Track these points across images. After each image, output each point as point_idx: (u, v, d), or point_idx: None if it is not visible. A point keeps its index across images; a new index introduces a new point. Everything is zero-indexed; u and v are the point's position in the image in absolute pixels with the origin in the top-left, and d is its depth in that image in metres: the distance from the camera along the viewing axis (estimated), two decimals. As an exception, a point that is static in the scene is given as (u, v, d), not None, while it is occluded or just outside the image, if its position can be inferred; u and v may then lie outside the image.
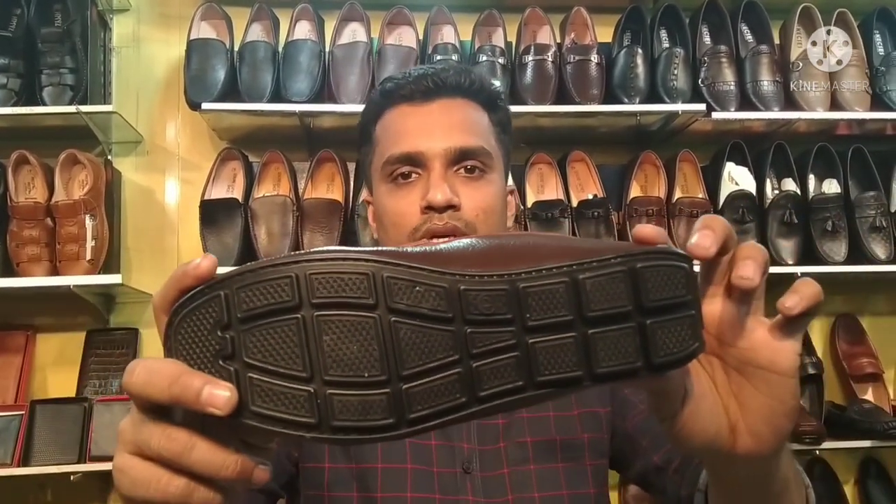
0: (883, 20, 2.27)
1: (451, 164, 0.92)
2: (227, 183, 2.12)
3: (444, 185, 0.90)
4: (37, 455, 1.89)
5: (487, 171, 0.94)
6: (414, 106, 0.95)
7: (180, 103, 2.16)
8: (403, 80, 0.97)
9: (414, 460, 0.88)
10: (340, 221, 2.01)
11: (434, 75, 0.95)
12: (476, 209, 0.91)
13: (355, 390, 0.45)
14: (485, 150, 0.94)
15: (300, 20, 2.13)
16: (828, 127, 2.20)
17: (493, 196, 0.94)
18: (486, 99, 0.98)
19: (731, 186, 2.12)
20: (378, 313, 0.45)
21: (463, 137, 0.92)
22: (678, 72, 2.09)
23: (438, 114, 0.94)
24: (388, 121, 0.97)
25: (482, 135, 0.95)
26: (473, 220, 0.91)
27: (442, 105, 0.95)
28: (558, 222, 2.03)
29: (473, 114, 0.96)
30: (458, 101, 0.96)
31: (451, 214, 0.89)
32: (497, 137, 0.98)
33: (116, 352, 2.10)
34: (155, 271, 2.17)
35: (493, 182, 0.95)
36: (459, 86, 0.96)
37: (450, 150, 0.91)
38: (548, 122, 2.11)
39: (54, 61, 1.99)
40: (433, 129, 0.93)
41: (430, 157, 0.91)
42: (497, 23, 2.18)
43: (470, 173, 0.93)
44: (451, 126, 0.93)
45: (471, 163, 0.93)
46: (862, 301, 2.33)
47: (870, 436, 2.00)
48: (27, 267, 1.93)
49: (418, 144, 0.92)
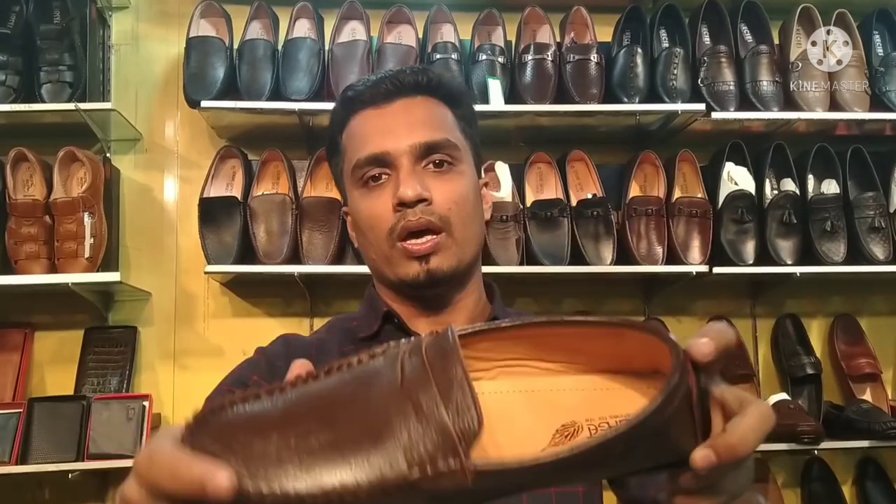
0: (882, 21, 2.28)
1: (419, 159, 0.92)
2: (226, 181, 2.12)
3: (412, 180, 0.90)
4: (34, 453, 1.88)
5: (456, 163, 0.94)
6: (376, 109, 0.96)
7: (179, 101, 2.16)
8: (362, 87, 0.98)
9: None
10: (339, 220, 2.00)
11: (392, 77, 0.96)
12: (448, 202, 0.92)
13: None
14: (450, 143, 0.94)
15: (300, 18, 2.13)
16: (827, 127, 2.20)
17: (465, 188, 0.94)
18: (447, 95, 0.98)
19: (730, 186, 2.12)
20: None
21: (427, 132, 0.93)
22: (678, 71, 2.09)
23: (400, 113, 0.95)
24: (352, 127, 0.97)
25: (446, 128, 0.96)
26: (447, 214, 0.91)
27: (403, 104, 0.95)
28: (558, 222, 2.03)
29: (435, 110, 0.97)
30: (419, 100, 0.96)
31: (424, 209, 0.90)
32: (462, 131, 0.98)
33: (115, 350, 2.09)
34: (154, 269, 2.17)
35: (463, 174, 0.95)
36: (418, 84, 0.96)
37: (415, 146, 0.92)
38: (547, 121, 2.11)
39: (53, 58, 1.99)
40: (396, 128, 0.93)
41: (396, 156, 0.92)
42: (497, 22, 2.18)
43: (438, 167, 0.93)
44: (414, 123, 0.93)
45: (438, 156, 0.93)
46: (860, 301, 2.33)
47: (868, 436, 2.01)
48: (25, 264, 1.93)
49: (383, 144, 0.92)
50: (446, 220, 0.91)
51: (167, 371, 2.15)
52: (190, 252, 2.16)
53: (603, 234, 2.05)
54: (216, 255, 1.98)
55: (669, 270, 2.05)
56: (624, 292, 2.28)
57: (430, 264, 0.91)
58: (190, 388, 2.13)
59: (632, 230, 2.07)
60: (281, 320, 2.19)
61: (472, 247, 0.95)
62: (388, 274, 0.95)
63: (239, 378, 0.96)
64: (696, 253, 2.05)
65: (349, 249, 2.06)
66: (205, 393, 1.01)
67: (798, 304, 2.29)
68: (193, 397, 2.11)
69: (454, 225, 0.91)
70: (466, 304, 0.98)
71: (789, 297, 2.28)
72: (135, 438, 1.90)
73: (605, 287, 2.27)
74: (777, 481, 2.18)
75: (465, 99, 1.03)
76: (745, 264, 2.06)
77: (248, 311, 2.20)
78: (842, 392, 2.25)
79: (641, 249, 2.06)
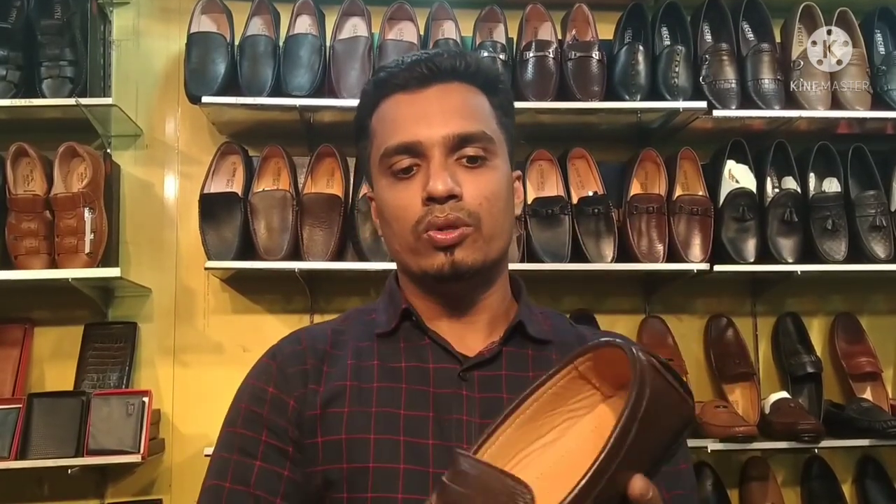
0: (884, 19, 2.28)
1: (451, 151, 0.88)
2: (226, 177, 2.11)
3: (444, 174, 0.86)
4: (34, 448, 1.88)
5: (490, 157, 0.90)
6: (409, 94, 0.91)
7: (180, 97, 2.16)
8: (396, 69, 0.92)
9: (408, 460, 0.85)
10: (340, 216, 2.00)
11: (428, 60, 0.91)
12: (479, 198, 0.87)
13: None
14: (486, 135, 0.90)
15: (301, 14, 2.12)
16: (828, 126, 2.20)
17: (497, 183, 0.90)
18: (485, 82, 0.94)
19: (731, 184, 2.11)
20: None
21: (462, 123, 0.88)
22: (679, 69, 2.09)
23: (435, 100, 0.90)
24: (383, 112, 0.93)
25: (482, 119, 0.91)
26: (477, 210, 0.87)
27: (438, 90, 0.91)
28: (558, 219, 2.03)
29: (472, 98, 0.92)
30: (455, 86, 0.91)
31: (453, 205, 0.86)
32: (499, 121, 0.94)
33: (114, 345, 2.09)
34: (154, 265, 2.17)
35: (496, 168, 0.91)
36: (455, 70, 0.91)
37: (449, 136, 0.87)
38: (548, 118, 2.11)
39: (54, 53, 1.98)
40: (430, 117, 0.88)
41: (428, 146, 0.87)
42: (498, 19, 2.18)
43: (472, 162, 0.89)
44: (449, 111, 0.89)
45: (472, 149, 0.89)
46: (861, 300, 2.33)
47: (868, 434, 2.00)
48: (25, 260, 1.92)
49: (416, 133, 0.88)
50: (476, 217, 0.87)
51: (167, 367, 2.15)
52: (190, 248, 2.15)
53: (604, 232, 2.04)
54: (216, 252, 1.98)
55: (670, 268, 2.05)
56: (624, 290, 2.28)
57: (455, 256, 0.86)
58: (190, 384, 2.13)
59: (633, 228, 2.07)
60: (281, 317, 2.19)
61: (499, 243, 0.91)
62: (411, 265, 0.91)
63: (254, 394, 0.91)
64: (697, 251, 2.05)
65: (349, 246, 2.06)
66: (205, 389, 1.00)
67: (799, 303, 2.29)
68: (193, 393, 2.11)
69: (483, 221, 0.88)
70: (490, 304, 0.94)
71: (790, 295, 2.28)
72: (134, 434, 1.90)
73: (606, 285, 2.26)
74: (777, 479, 2.18)
75: (503, 87, 0.98)
76: (746, 262, 2.06)
77: (249, 307, 2.19)
78: (842, 391, 2.25)
79: (642, 247, 2.05)
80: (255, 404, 0.89)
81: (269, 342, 0.97)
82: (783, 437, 1.99)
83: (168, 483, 2.11)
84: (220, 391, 1.07)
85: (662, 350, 2.15)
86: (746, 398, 2.16)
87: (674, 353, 2.15)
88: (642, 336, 2.20)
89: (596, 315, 2.21)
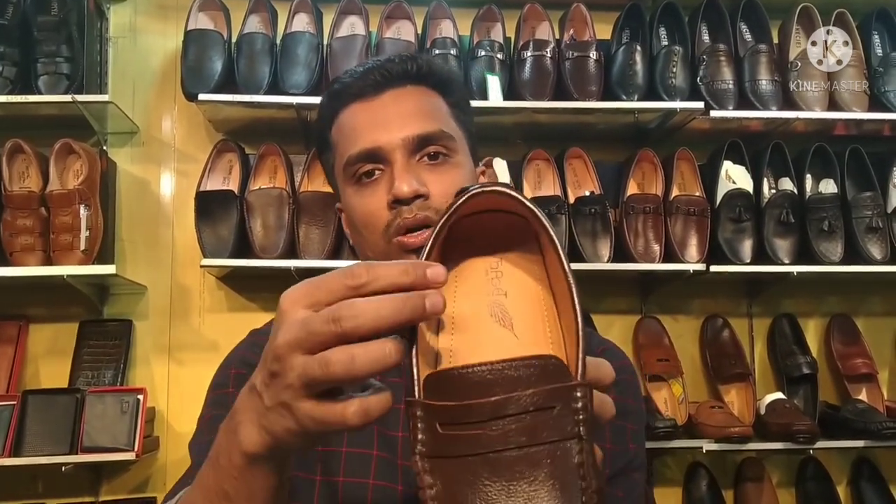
0: (882, 21, 2.27)
1: (413, 153, 0.89)
2: (222, 175, 2.11)
3: (408, 175, 0.87)
4: (28, 446, 1.87)
5: (451, 154, 0.91)
6: (365, 102, 0.92)
7: (177, 94, 2.15)
8: (350, 79, 0.94)
9: (381, 448, 0.87)
10: (336, 215, 2.00)
11: (380, 67, 0.92)
12: (445, 195, 0.87)
13: None
14: (445, 134, 0.91)
15: (298, 12, 2.12)
16: (825, 127, 2.20)
17: (462, 179, 0.91)
18: (438, 82, 0.95)
19: (728, 185, 2.11)
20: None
21: (419, 124, 0.90)
22: (677, 70, 2.08)
23: (391, 105, 0.91)
24: (342, 122, 0.94)
25: (439, 118, 0.93)
26: (444, 207, 0.89)
27: (393, 95, 0.92)
28: (555, 219, 2.03)
29: (427, 99, 0.94)
30: (409, 89, 0.93)
31: (421, 205, 0.87)
32: (456, 119, 0.95)
33: (109, 343, 2.09)
34: (149, 263, 2.17)
35: (459, 165, 0.92)
36: (407, 73, 0.93)
37: (408, 138, 0.89)
38: (546, 118, 2.11)
39: (50, 50, 1.98)
40: (388, 121, 0.90)
41: (389, 150, 0.89)
42: (496, 18, 2.18)
43: (434, 160, 0.90)
44: (406, 114, 0.90)
45: (433, 148, 0.90)
46: (857, 301, 2.33)
47: (863, 436, 2.01)
48: (20, 256, 1.92)
49: (376, 139, 0.89)
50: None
51: (162, 365, 2.14)
52: (186, 246, 2.15)
53: (600, 232, 2.04)
54: (212, 249, 1.97)
55: (666, 268, 2.05)
56: (621, 290, 2.28)
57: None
58: (184, 382, 2.13)
59: (629, 228, 2.07)
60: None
61: None
62: None
63: (243, 360, 0.95)
64: (694, 251, 2.05)
65: (346, 244, 2.06)
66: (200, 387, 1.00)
67: (795, 304, 2.29)
68: (188, 391, 2.11)
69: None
70: None
71: (786, 296, 2.28)
72: (129, 432, 1.89)
73: (602, 284, 2.26)
74: (772, 481, 2.19)
75: (457, 86, 0.99)
76: (743, 263, 2.06)
77: (244, 305, 2.19)
78: (838, 392, 2.25)
79: (639, 247, 2.05)
80: (245, 368, 0.92)
81: (263, 341, 0.98)
82: (778, 437, 1.99)
83: (162, 481, 2.10)
84: (215, 389, 1.08)
85: (658, 350, 2.15)
86: (742, 399, 2.16)
87: (669, 353, 2.15)
88: (638, 336, 2.20)
89: (592, 315, 2.21)
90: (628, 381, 0.97)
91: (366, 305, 0.50)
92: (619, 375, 0.97)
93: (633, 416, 0.95)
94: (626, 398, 0.93)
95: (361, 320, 0.49)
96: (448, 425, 0.48)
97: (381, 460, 0.86)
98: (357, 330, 0.49)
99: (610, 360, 0.95)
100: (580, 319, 0.50)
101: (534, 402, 0.46)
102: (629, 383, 0.97)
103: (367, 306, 0.50)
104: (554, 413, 0.46)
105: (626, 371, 0.98)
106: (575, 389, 0.47)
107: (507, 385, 0.47)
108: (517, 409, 0.46)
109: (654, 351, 2.14)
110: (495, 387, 0.47)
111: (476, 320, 0.57)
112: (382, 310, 0.49)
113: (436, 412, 0.49)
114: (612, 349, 1.01)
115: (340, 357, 0.49)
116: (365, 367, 0.49)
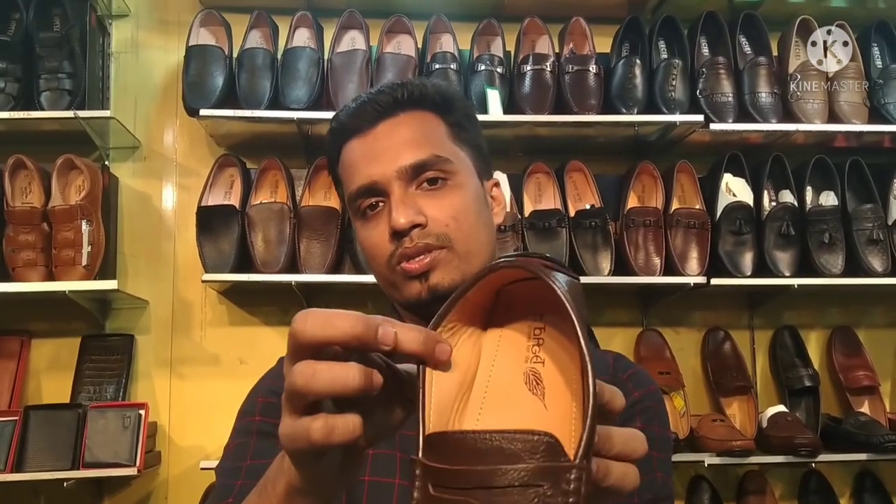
0: (881, 33, 2.28)
1: (410, 181, 0.90)
2: (224, 189, 2.12)
3: (403, 207, 0.88)
4: (30, 461, 1.87)
5: (450, 176, 0.91)
6: (361, 137, 0.94)
7: (178, 109, 2.16)
8: (345, 117, 0.95)
9: (403, 476, 0.87)
10: (337, 229, 2.00)
11: (371, 101, 0.93)
12: (445, 219, 0.89)
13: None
14: (440, 158, 0.91)
15: (299, 27, 2.13)
16: (825, 139, 2.20)
17: (463, 200, 0.91)
18: (433, 103, 0.95)
19: (728, 198, 2.12)
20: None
21: (412, 153, 0.90)
22: (676, 83, 2.09)
23: (383, 137, 0.92)
24: (344, 159, 0.96)
25: (433, 142, 0.92)
26: (444, 231, 0.89)
27: (386, 127, 0.93)
28: (556, 232, 2.03)
29: (420, 125, 0.94)
30: (402, 117, 0.93)
31: (419, 233, 0.88)
32: (456, 138, 0.95)
33: (111, 358, 2.09)
34: (151, 277, 2.17)
35: (459, 186, 0.92)
36: (398, 102, 0.93)
37: (402, 168, 0.89)
38: (546, 131, 2.11)
39: (52, 66, 1.99)
40: (382, 154, 0.91)
41: (386, 183, 0.90)
42: (496, 32, 2.19)
43: (433, 184, 0.90)
44: (398, 145, 0.91)
45: (430, 174, 0.90)
46: (859, 314, 2.32)
47: (866, 448, 2.00)
48: (23, 272, 1.93)
49: (370, 174, 0.90)
50: (445, 238, 0.88)
51: (164, 379, 2.14)
52: (187, 260, 2.16)
53: (601, 245, 2.04)
54: (214, 264, 1.98)
55: (667, 281, 2.05)
56: (621, 303, 2.28)
57: (431, 281, 0.88)
58: (186, 396, 2.13)
59: (630, 241, 2.07)
60: (278, 329, 2.19)
61: (479, 258, 0.91)
62: (395, 297, 0.93)
63: (270, 389, 0.95)
64: (694, 264, 2.05)
65: (347, 258, 2.06)
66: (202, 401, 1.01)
67: (796, 316, 2.29)
68: (190, 406, 2.11)
69: (455, 240, 0.89)
70: None
71: (787, 308, 2.28)
72: (130, 447, 1.89)
73: (603, 298, 2.26)
74: (774, 494, 2.18)
75: (457, 103, 0.99)
76: (743, 276, 2.06)
77: (246, 319, 2.19)
78: (840, 404, 2.24)
79: (639, 260, 2.05)
80: (272, 396, 0.93)
81: (265, 355, 0.99)
82: (780, 451, 1.99)
83: (164, 496, 2.10)
84: (217, 404, 1.07)
85: (660, 363, 2.15)
86: (744, 412, 2.16)
87: (671, 365, 2.15)
88: (640, 349, 2.20)
89: (593, 328, 2.20)
90: (655, 408, 0.96)
91: (340, 369, 0.51)
92: (646, 402, 0.97)
93: (659, 444, 0.94)
94: (653, 426, 0.93)
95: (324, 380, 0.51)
96: (438, 487, 0.48)
97: (405, 488, 0.86)
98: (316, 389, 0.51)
99: (636, 385, 0.97)
100: (591, 399, 0.49)
101: (520, 478, 0.46)
102: (656, 410, 0.96)
103: (340, 370, 0.51)
104: (541, 491, 0.46)
105: (653, 398, 0.97)
106: (569, 471, 0.46)
107: (498, 457, 0.47)
108: (503, 482, 0.46)
109: (656, 364, 2.14)
110: (487, 456, 0.47)
111: (510, 385, 0.57)
112: (349, 379, 0.50)
113: (430, 472, 0.49)
114: (638, 374, 1.00)
115: (303, 369, 0.50)
116: (323, 385, 0.49)
